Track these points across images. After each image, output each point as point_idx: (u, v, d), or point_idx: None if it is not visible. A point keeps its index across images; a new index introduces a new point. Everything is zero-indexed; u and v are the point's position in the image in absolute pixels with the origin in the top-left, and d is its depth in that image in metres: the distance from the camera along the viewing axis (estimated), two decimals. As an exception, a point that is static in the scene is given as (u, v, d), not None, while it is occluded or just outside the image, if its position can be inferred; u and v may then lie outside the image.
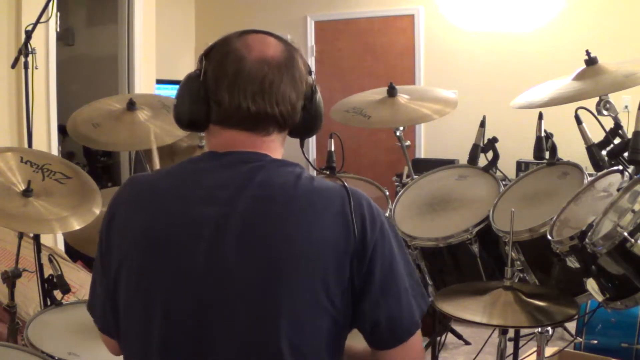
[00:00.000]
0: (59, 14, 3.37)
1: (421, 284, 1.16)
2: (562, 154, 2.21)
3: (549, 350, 2.51)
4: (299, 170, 1.13)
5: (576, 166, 2.13)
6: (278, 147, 1.18)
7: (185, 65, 6.19)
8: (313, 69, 1.21)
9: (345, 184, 1.11)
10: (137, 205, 1.15)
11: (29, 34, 2.52)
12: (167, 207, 1.12)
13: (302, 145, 1.25)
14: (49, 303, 2.02)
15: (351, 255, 1.06)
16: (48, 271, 2.04)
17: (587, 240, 1.58)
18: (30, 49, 2.54)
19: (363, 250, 1.07)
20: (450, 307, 1.76)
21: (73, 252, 2.98)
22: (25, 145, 2.68)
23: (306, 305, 1.04)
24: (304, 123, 1.18)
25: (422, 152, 5.43)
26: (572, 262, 1.70)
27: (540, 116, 2.17)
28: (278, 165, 1.14)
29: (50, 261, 2.00)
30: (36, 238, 2.30)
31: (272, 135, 1.16)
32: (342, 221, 1.07)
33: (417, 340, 1.12)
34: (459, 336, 3.55)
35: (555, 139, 2.18)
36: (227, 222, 1.06)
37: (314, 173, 1.18)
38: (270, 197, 1.08)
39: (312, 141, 5.60)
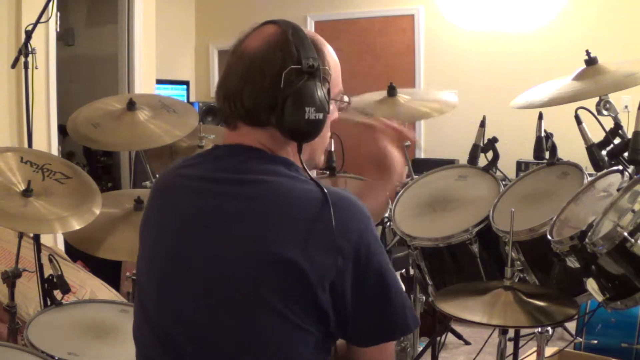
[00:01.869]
0: (59, 14, 3.37)
1: (405, 299, 1.11)
2: (562, 154, 2.21)
3: (549, 350, 2.51)
4: (281, 169, 1.09)
5: (576, 166, 2.13)
6: (262, 142, 1.11)
7: (185, 65, 6.19)
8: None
9: (325, 190, 1.04)
10: (151, 194, 1.22)
11: (29, 34, 2.52)
12: (158, 198, 1.17)
13: (299, 151, 1.12)
14: (49, 303, 2.01)
15: (312, 269, 1.00)
16: (48, 271, 2.04)
17: (587, 240, 1.57)
18: (30, 49, 2.54)
19: (331, 264, 1.01)
20: (450, 307, 1.76)
21: (73, 252, 2.98)
22: (25, 145, 2.68)
23: (261, 309, 1.01)
24: (284, 123, 1.08)
25: (422, 152, 5.43)
26: (572, 262, 1.70)
27: (540, 116, 2.16)
28: (263, 161, 1.10)
29: (50, 261, 2.00)
30: (36, 238, 2.30)
31: (241, 129, 1.12)
32: (308, 232, 1.01)
33: (392, 345, 1.14)
34: (459, 336, 3.55)
35: (555, 139, 2.18)
36: (195, 216, 1.08)
37: (313, 174, 1.14)
38: (236, 194, 1.06)
39: (312, 141, 5.60)
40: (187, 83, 5.96)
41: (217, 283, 1.04)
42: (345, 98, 1.22)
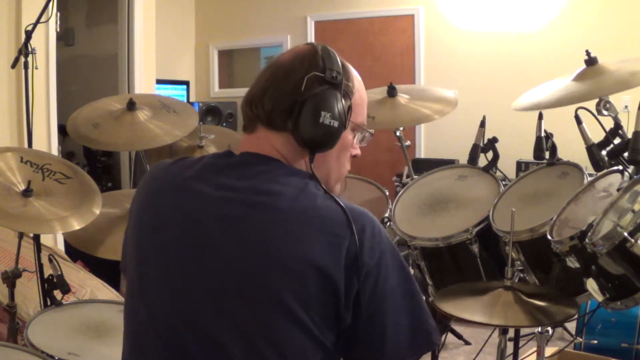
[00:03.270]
0: (59, 14, 3.37)
1: (426, 318, 1.11)
2: (562, 154, 2.21)
3: (549, 350, 2.51)
4: (303, 183, 1.09)
5: (576, 166, 2.13)
6: (278, 149, 1.13)
7: (185, 65, 6.19)
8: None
9: (345, 207, 1.05)
10: (144, 189, 1.20)
11: (29, 34, 2.52)
12: (164, 197, 1.14)
13: (310, 160, 1.13)
14: (49, 303, 2.01)
15: (340, 282, 1.02)
16: (48, 271, 2.04)
17: (587, 240, 1.57)
18: (30, 49, 2.55)
19: (354, 280, 1.03)
20: (450, 307, 1.76)
21: (73, 252, 2.98)
22: (25, 145, 2.68)
23: (277, 318, 1.02)
24: (298, 127, 1.10)
25: (422, 152, 5.43)
26: (572, 262, 1.70)
27: (540, 116, 2.16)
28: (283, 173, 1.11)
29: (50, 261, 2.00)
30: (36, 238, 2.30)
31: (258, 132, 1.14)
32: (335, 246, 1.02)
33: None
34: (459, 336, 3.55)
35: (555, 139, 2.18)
36: (214, 222, 1.07)
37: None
38: (261, 205, 1.06)
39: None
40: (187, 83, 5.97)
41: (240, 289, 1.03)
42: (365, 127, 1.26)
